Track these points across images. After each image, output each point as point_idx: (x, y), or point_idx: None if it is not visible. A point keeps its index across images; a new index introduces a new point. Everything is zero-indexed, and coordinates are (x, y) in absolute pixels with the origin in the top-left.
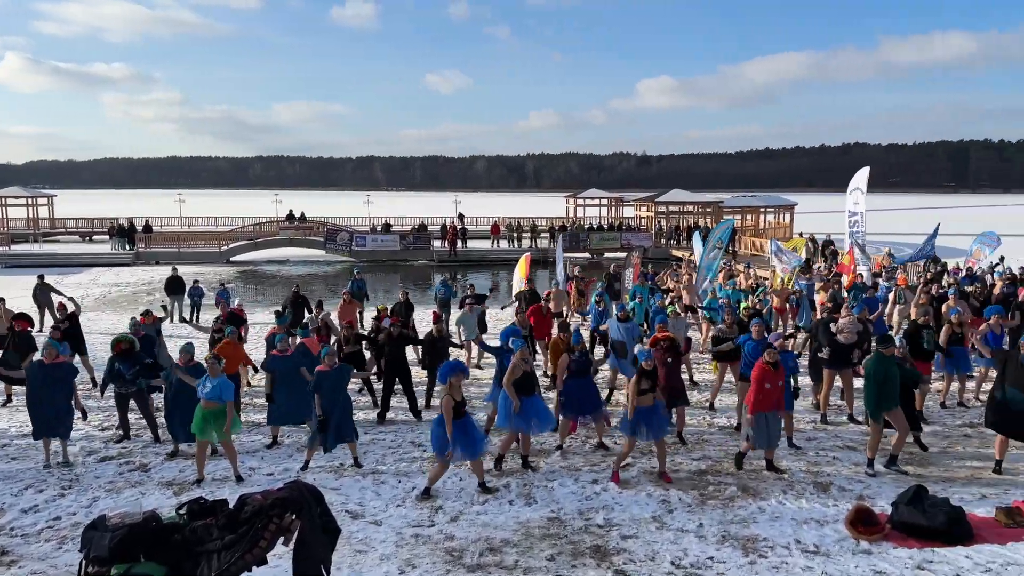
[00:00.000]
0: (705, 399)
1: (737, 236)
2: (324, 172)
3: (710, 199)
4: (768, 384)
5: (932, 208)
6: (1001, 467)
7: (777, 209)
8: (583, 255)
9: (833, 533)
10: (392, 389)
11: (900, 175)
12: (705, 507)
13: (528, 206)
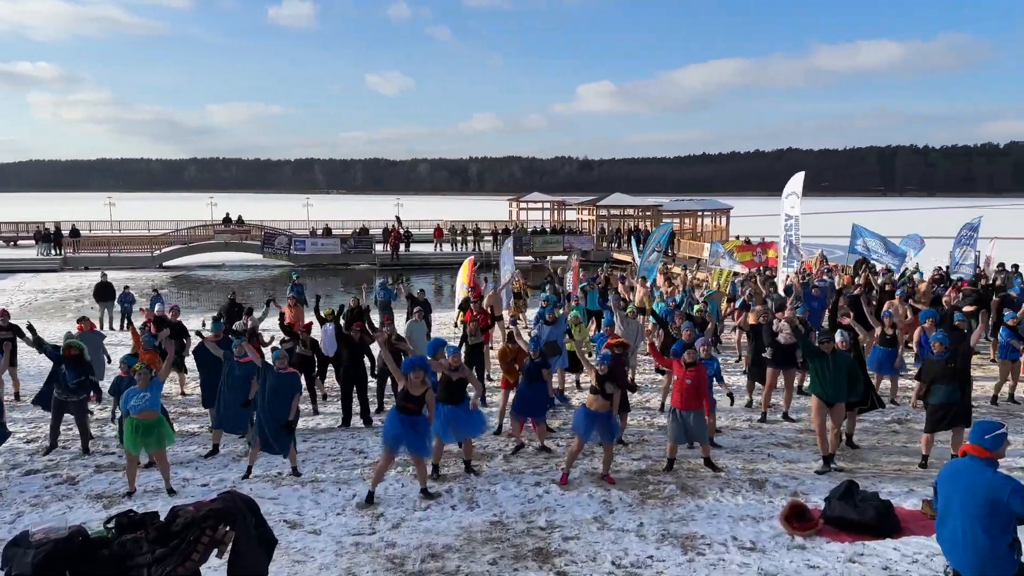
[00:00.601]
0: (646, 399)
1: (676, 239)
2: (262, 174)
3: (650, 203)
4: (689, 381)
5: (861, 211)
6: (927, 462)
7: (714, 213)
8: (526, 258)
9: (769, 529)
10: (352, 395)
11: (831, 179)
12: (645, 506)
13: (471, 209)
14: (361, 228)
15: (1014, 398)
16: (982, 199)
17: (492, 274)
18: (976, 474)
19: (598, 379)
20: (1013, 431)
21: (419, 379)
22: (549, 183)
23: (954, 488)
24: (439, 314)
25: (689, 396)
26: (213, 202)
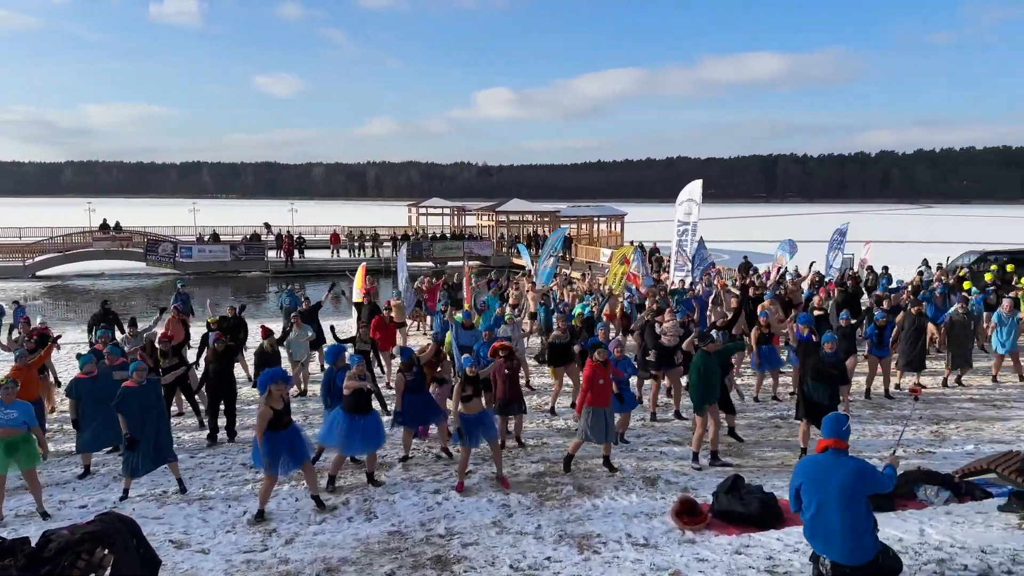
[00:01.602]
0: (544, 403)
1: (573, 244)
2: (145, 178)
3: (548, 208)
4: (601, 380)
5: (746, 217)
6: (806, 454)
7: (609, 218)
8: (426, 264)
9: (661, 525)
10: (218, 409)
11: (717, 186)
12: (544, 508)
13: (370, 215)
14: (253, 234)
15: (888, 393)
16: (855, 204)
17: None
18: (841, 465)
19: (464, 382)
20: (882, 423)
21: (279, 392)
22: (449, 188)
23: (824, 483)
24: (340, 322)
25: (603, 394)
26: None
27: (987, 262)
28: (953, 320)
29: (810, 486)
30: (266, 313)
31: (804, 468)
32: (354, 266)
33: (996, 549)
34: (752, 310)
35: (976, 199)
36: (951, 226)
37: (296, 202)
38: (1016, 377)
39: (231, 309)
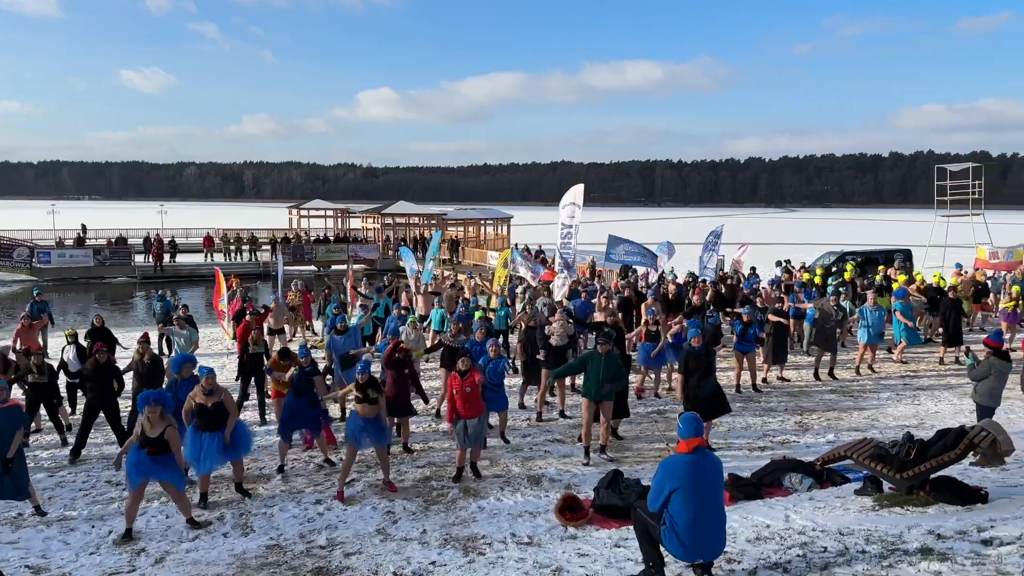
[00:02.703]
0: (431, 406)
1: (460, 247)
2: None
3: (434, 211)
4: (468, 388)
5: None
6: None
7: (495, 221)
8: (309, 268)
9: (545, 523)
10: (92, 423)
11: (599, 191)
12: (429, 513)
13: (247, 217)
14: (118, 237)
15: (755, 386)
16: (727, 208)
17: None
18: (711, 462)
19: (360, 386)
20: (750, 415)
21: (156, 415)
22: (332, 190)
23: (699, 482)
24: (209, 329)
25: (469, 403)
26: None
27: (844, 261)
28: (821, 315)
29: (688, 489)
30: (133, 321)
31: (676, 471)
32: (229, 271)
33: (852, 530)
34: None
35: (835, 203)
36: (813, 228)
37: (166, 203)
38: (870, 369)
39: (98, 318)
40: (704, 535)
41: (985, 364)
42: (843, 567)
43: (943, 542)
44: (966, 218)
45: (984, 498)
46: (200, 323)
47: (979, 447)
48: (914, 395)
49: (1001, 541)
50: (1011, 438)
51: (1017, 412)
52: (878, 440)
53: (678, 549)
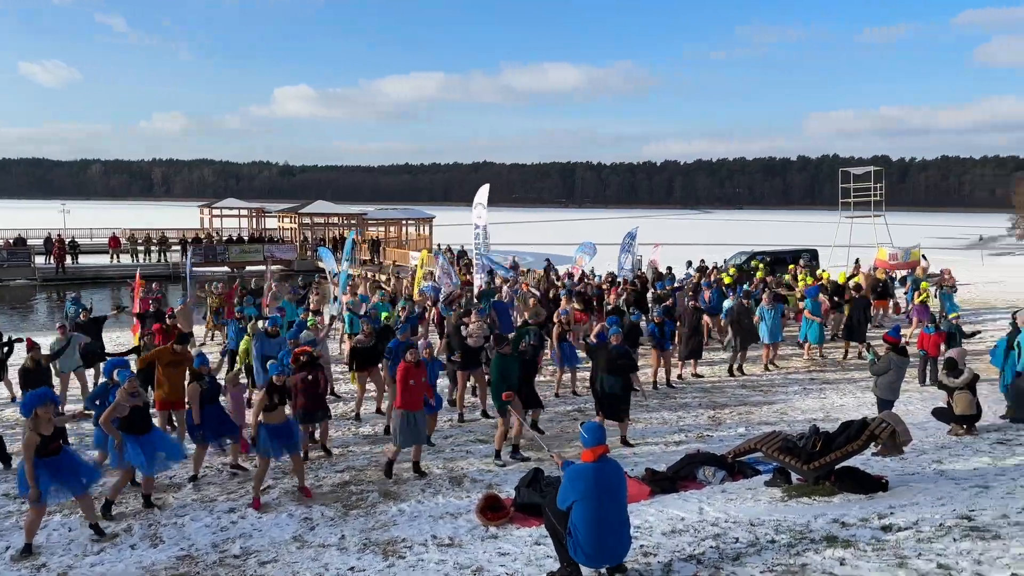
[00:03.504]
0: (350, 410)
1: (381, 247)
2: None
3: (354, 211)
4: (412, 381)
5: (548, 221)
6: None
7: (417, 222)
8: (222, 269)
9: (466, 524)
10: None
11: (521, 191)
12: (348, 518)
13: (156, 216)
14: (17, 238)
15: (670, 383)
16: (644, 209)
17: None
18: (613, 469)
19: (271, 390)
20: (666, 411)
21: (47, 415)
22: (246, 189)
23: (601, 491)
24: (117, 333)
25: (414, 397)
26: None
27: (756, 261)
28: (737, 312)
29: (590, 499)
30: (34, 325)
31: (579, 483)
32: (133, 272)
33: (763, 521)
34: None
35: (747, 204)
36: (725, 229)
37: (69, 202)
38: (782, 364)
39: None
40: (606, 543)
41: (885, 359)
42: (754, 557)
43: (847, 529)
44: (868, 219)
45: (884, 486)
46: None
47: (880, 438)
48: (820, 389)
49: (899, 527)
50: (909, 429)
51: (915, 404)
52: (786, 433)
53: (582, 558)
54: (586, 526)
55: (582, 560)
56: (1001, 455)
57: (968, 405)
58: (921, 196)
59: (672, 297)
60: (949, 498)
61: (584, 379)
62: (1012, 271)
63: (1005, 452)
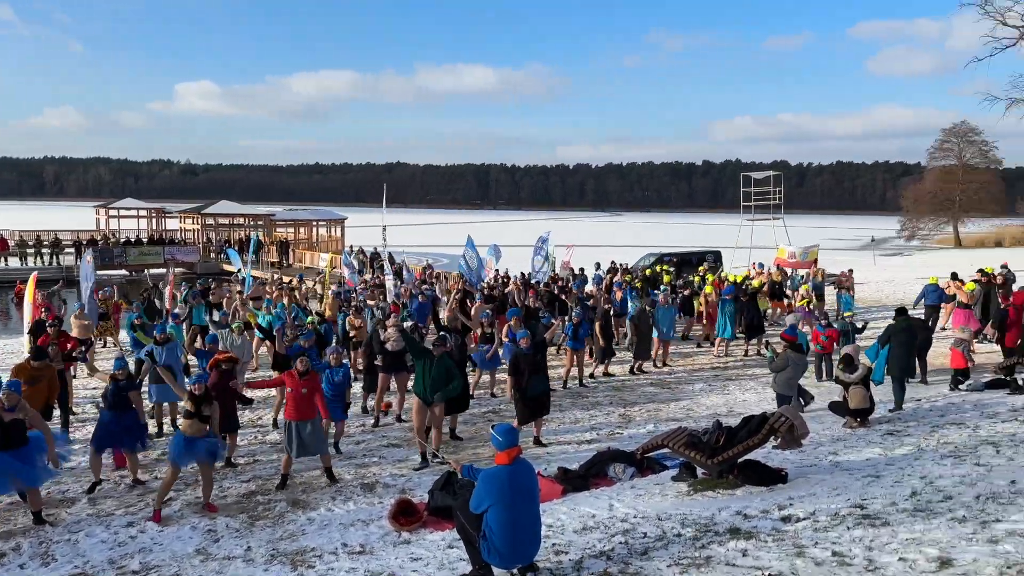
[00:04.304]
0: (258, 417)
1: (290, 249)
2: None
3: (262, 211)
4: (304, 390)
5: (463, 223)
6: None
7: (329, 223)
8: (120, 272)
9: (378, 530)
10: None
11: (436, 193)
12: (254, 529)
13: (48, 217)
14: None
15: (582, 382)
16: (558, 212)
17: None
18: (526, 471)
19: (193, 399)
20: (578, 410)
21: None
22: (146, 188)
23: (515, 493)
24: (4, 341)
25: (304, 406)
26: None
27: (663, 263)
28: (639, 316)
29: (505, 503)
30: None
31: (494, 486)
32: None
33: (670, 515)
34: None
35: (655, 208)
36: (635, 231)
37: None
38: (688, 361)
39: None
40: (520, 543)
41: (783, 357)
42: (661, 551)
43: (749, 521)
44: (768, 222)
45: (784, 478)
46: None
47: (779, 432)
48: (724, 385)
49: (798, 517)
50: (806, 422)
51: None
52: (692, 429)
53: (496, 559)
54: (501, 528)
55: (495, 562)
56: (891, 446)
57: (862, 399)
58: (817, 200)
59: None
60: (844, 488)
61: (501, 380)
62: (901, 271)
63: (895, 443)
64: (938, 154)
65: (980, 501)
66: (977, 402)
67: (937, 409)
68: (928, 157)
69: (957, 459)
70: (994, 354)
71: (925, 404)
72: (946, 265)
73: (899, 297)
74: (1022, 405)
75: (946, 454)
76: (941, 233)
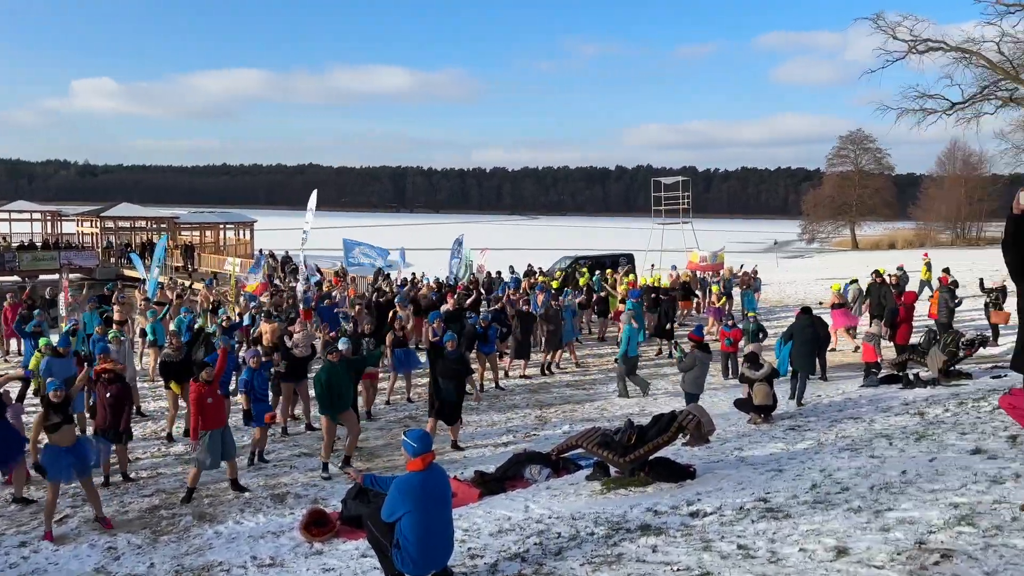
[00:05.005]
0: (161, 429)
1: (196, 253)
2: None
3: (165, 214)
4: (210, 399)
5: (378, 226)
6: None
7: (237, 226)
8: (11, 279)
9: (289, 541)
10: None
11: (350, 195)
12: (158, 545)
13: None
14: None
15: (499, 384)
16: (475, 215)
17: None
18: (441, 474)
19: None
20: (495, 412)
21: None
22: (40, 190)
23: (429, 500)
24: None
25: (216, 413)
26: None
27: (579, 265)
28: (548, 314)
29: (419, 510)
30: None
31: (408, 495)
32: None
33: (584, 514)
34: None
35: (570, 211)
36: (552, 234)
37: None
38: (603, 362)
39: None
40: (433, 549)
41: (691, 356)
42: (574, 550)
43: (659, 517)
44: (677, 225)
45: (693, 475)
46: None
47: (687, 429)
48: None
49: (705, 512)
50: (712, 420)
51: (719, 396)
52: (605, 428)
53: (410, 567)
54: (415, 535)
55: (409, 570)
56: (793, 440)
57: (766, 396)
58: (724, 204)
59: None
60: (748, 482)
61: (416, 385)
62: (802, 273)
63: (796, 438)
64: (836, 161)
65: (874, 492)
66: (872, 397)
67: (836, 404)
68: (827, 163)
69: (854, 452)
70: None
71: (825, 400)
72: (844, 266)
73: (800, 297)
74: (913, 399)
75: (844, 447)
76: (839, 236)
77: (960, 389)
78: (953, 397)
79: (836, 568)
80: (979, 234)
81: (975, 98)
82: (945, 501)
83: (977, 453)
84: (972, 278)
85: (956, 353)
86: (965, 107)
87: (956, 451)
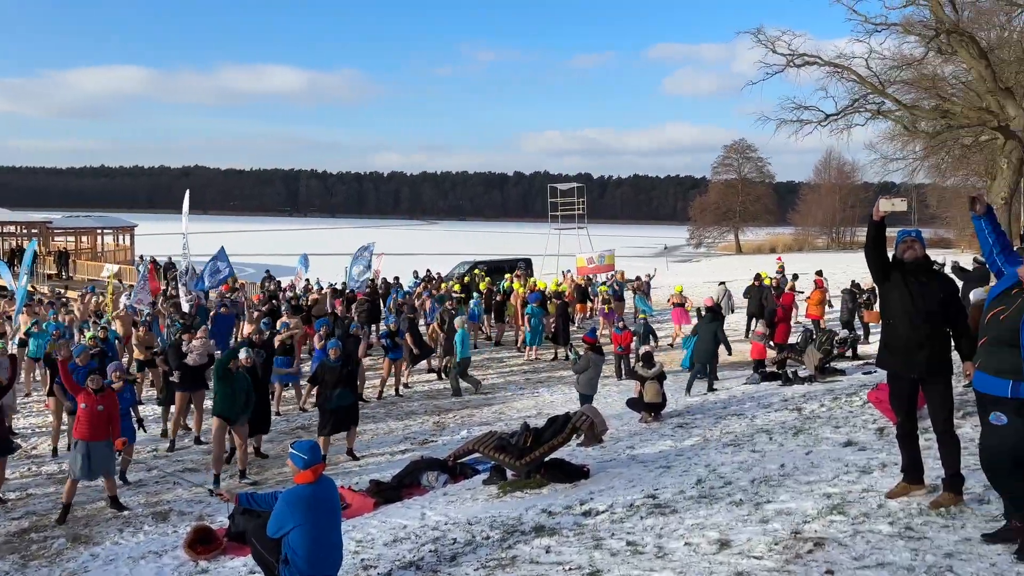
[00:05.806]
0: (31, 447)
1: (71, 260)
2: None
3: (36, 219)
4: (100, 407)
5: (271, 230)
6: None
7: (116, 231)
8: None
9: (172, 561)
10: None
11: (240, 199)
12: (27, 570)
13: None
14: None
15: (398, 391)
16: (372, 220)
17: None
18: (330, 485)
19: None
20: (393, 419)
21: None
22: None
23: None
24: None
25: (99, 425)
26: None
27: (477, 270)
28: (441, 318)
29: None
30: None
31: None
32: None
33: (479, 519)
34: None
35: (470, 216)
36: (450, 239)
37: None
38: (500, 366)
39: None
40: (323, 562)
41: (585, 358)
42: (469, 555)
43: (553, 518)
44: (573, 230)
45: (587, 474)
46: None
47: (581, 430)
48: (534, 388)
49: (597, 511)
50: (605, 420)
51: (613, 397)
52: (501, 432)
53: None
54: (305, 550)
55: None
56: (681, 438)
57: (656, 394)
58: (618, 210)
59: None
60: (639, 480)
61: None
62: (691, 276)
63: (684, 435)
64: (721, 169)
65: (755, 485)
66: (755, 394)
67: (721, 402)
68: (712, 172)
69: (736, 447)
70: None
71: (711, 397)
72: (729, 269)
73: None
74: (792, 395)
75: (727, 443)
76: (724, 241)
77: (834, 385)
78: (828, 393)
79: (719, 560)
80: (852, 238)
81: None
82: (819, 492)
83: (849, 445)
84: (845, 280)
85: (831, 351)
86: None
87: (830, 444)
